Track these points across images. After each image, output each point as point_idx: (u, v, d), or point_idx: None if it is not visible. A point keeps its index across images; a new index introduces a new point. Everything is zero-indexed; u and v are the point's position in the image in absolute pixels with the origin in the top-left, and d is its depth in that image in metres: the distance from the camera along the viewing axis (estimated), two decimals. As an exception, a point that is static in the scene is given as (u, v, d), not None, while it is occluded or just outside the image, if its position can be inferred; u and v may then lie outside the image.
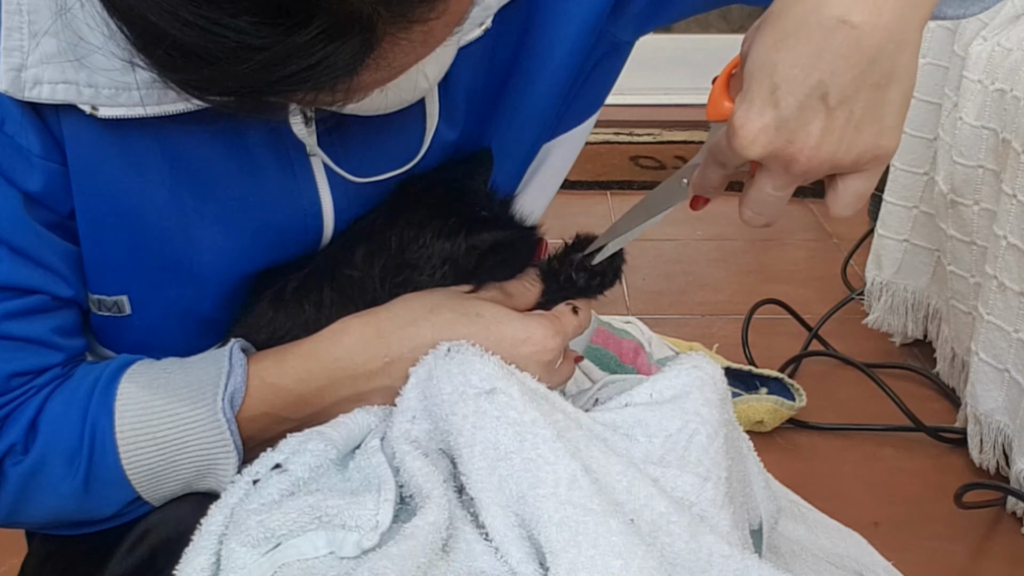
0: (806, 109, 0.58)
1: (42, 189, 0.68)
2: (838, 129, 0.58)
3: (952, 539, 1.44)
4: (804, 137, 0.58)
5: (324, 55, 0.51)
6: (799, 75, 0.57)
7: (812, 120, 0.58)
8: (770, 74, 0.58)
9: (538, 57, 0.79)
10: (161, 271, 0.73)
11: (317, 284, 0.75)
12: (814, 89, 0.57)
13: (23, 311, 0.70)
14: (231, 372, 0.72)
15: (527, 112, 0.82)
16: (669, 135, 2.83)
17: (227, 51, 0.50)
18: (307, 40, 0.50)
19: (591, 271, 0.78)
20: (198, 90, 0.54)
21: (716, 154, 0.65)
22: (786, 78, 0.58)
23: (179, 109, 0.66)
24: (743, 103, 0.59)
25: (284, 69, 0.51)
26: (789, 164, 0.60)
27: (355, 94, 0.56)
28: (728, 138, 0.61)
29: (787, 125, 0.58)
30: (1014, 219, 1.43)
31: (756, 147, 0.59)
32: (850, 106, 0.58)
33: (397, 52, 0.54)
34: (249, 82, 0.52)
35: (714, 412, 0.72)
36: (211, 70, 0.51)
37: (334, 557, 0.62)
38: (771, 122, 0.58)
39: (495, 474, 0.64)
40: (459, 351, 0.70)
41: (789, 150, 0.59)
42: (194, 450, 0.71)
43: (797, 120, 0.58)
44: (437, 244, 0.75)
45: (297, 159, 0.73)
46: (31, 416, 0.71)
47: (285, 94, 0.54)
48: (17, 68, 0.64)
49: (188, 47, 0.50)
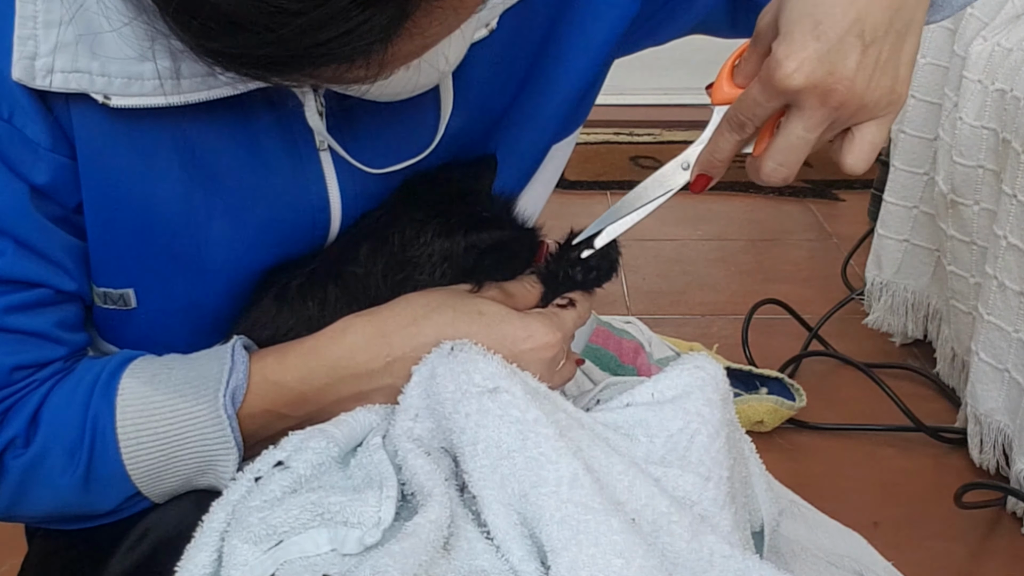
0: (845, 43, 0.63)
1: (49, 182, 0.68)
2: (870, 66, 0.64)
3: (952, 539, 1.44)
4: (843, 69, 0.63)
5: (360, 20, 0.51)
6: (839, 12, 0.63)
7: (849, 54, 0.63)
8: (812, 12, 0.63)
9: (559, 63, 0.81)
10: (168, 264, 0.73)
11: (321, 281, 0.76)
12: (853, 25, 0.63)
13: (26, 304, 0.70)
14: (233, 369, 0.72)
15: (543, 115, 0.83)
16: (669, 135, 2.84)
17: (265, 16, 0.50)
18: (344, 6, 0.50)
19: (587, 266, 0.78)
20: (232, 61, 0.54)
21: (740, 110, 0.69)
22: (828, 14, 0.63)
23: (191, 99, 0.66)
24: (784, 42, 0.64)
25: (320, 35, 0.51)
26: (827, 96, 0.64)
27: (387, 67, 0.56)
28: (770, 73, 0.64)
29: (828, 56, 0.63)
30: (1014, 219, 1.43)
31: (799, 76, 0.63)
32: (879, 46, 0.64)
33: (431, 21, 0.55)
34: (285, 50, 0.52)
35: (716, 412, 0.72)
36: (247, 37, 0.51)
37: (336, 554, 0.62)
38: (813, 54, 0.63)
39: (497, 472, 0.64)
40: (462, 350, 0.70)
41: (829, 80, 0.63)
42: (195, 446, 0.71)
43: (837, 52, 0.63)
44: (437, 242, 0.75)
45: (306, 153, 0.73)
46: (32, 410, 0.71)
47: (320, 64, 0.54)
48: (30, 56, 0.64)
49: (226, 14, 0.50)
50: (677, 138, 2.80)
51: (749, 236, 2.34)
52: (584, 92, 0.84)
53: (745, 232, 2.35)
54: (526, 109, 0.82)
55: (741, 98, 0.68)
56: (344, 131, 0.73)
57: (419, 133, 0.76)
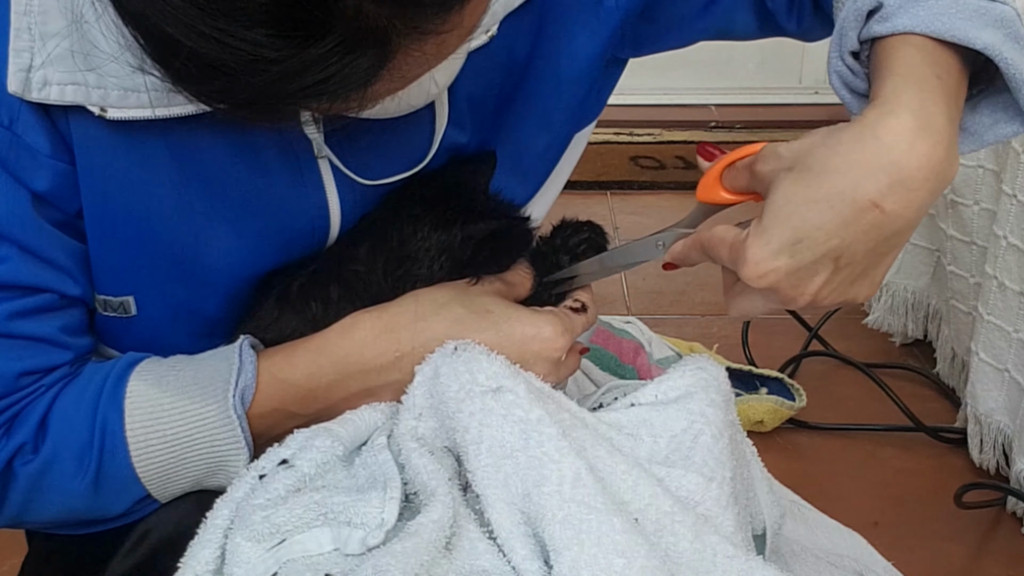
0: (817, 264, 0.62)
1: (51, 188, 0.68)
2: (837, 283, 0.64)
3: (952, 539, 1.44)
4: (807, 286, 0.63)
5: (339, 68, 0.51)
6: (821, 237, 0.61)
7: (819, 273, 0.63)
8: (796, 227, 0.62)
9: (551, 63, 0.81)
10: (168, 272, 0.73)
11: (323, 281, 0.76)
12: (831, 251, 0.62)
13: (31, 310, 0.70)
14: (242, 368, 0.72)
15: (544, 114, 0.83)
16: (669, 135, 2.83)
17: (243, 63, 0.50)
18: (322, 53, 0.50)
19: (574, 253, 0.80)
20: (212, 100, 0.54)
21: (710, 251, 0.69)
22: (810, 236, 0.61)
23: (188, 111, 0.66)
24: (760, 239, 0.63)
25: (299, 81, 0.51)
26: (785, 300, 0.65)
27: (368, 103, 0.56)
28: (738, 262, 0.64)
29: (797, 274, 0.63)
30: (1014, 219, 1.43)
31: (763, 282, 0.63)
32: (853, 268, 0.63)
33: (411, 63, 0.54)
34: (264, 93, 0.52)
35: (718, 413, 0.72)
36: (226, 81, 0.51)
37: (338, 554, 0.62)
38: (784, 267, 0.63)
39: (500, 471, 0.64)
40: (466, 349, 0.70)
41: (791, 293, 0.64)
42: (205, 447, 0.71)
43: (807, 272, 0.63)
44: (434, 236, 0.75)
45: (305, 161, 0.73)
46: (40, 415, 0.71)
47: (300, 104, 0.55)
48: (26, 69, 0.64)
49: (204, 59, 0.50)
50: (677, 138, 2.80)
51: (749, 236, 2.34)
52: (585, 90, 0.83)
53: (745, 232, 2.35)
54: (525, 107, 0.82)
55: (713, 241, 0.68)
56: (341, 142, 0.73)
57: (415, 145, 0.76)
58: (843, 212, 0.60)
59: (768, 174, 0.65)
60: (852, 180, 0.60)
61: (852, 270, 0.63)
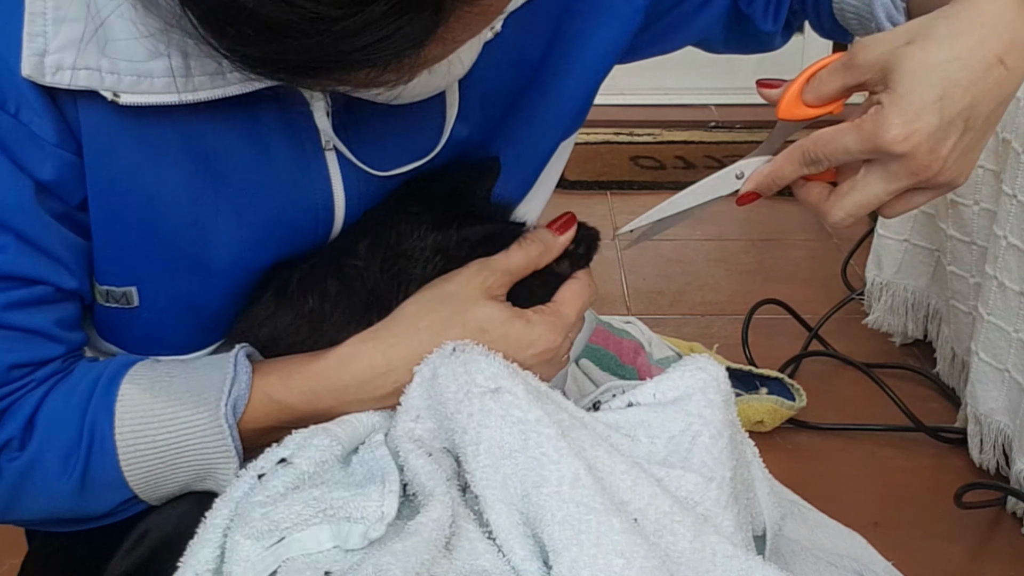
0: (954, 124, 0.65)
1: (54, 178, 0.68)
2: (960, 150, 0.66)
3: (952, 539, 1.44)
4: (942, 148, 0.65)
5: (397, 27, 0.51)
6: (958, 93, 0.65)
7: (952, 135, 0.65)
8: (936, 85, 0.65)
9: (568, 62, 0.81)
10: (172, 262, 0.73)
11: (321, 275, 0.76)
12: (965, 109, 0.65)
13: (26, 301, 0.69)
14: (235, 379, 0.72)
15: (551, 115, 0.83)
16: (669, 135, 2.84)
17: (303, 22, 0.50)
18: (382, 12, 0.51)
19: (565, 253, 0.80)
20: (264, 67, 0.54)
21: (822, 150, 0.69)
22: (949, 93, 0.65)
23: (200, 98, 0.66)
24: (899, 104, 0.65)
25: (357, 40, 0.52)
26: (921, 169, 0.66)
27: (418, 70, 0.57)
28: (878, 132, 0.65)
29: (936, 135, 0.65)
30: (1014, 219, 1.43)
31: (907, 145, 0.65)
32: (973, 134, 0.66)
33: (462, 25, 0.55)
34: (321, 55, 0.52)
35: (717, 414, 0.72)
36: (284, 43, 0.52)
37: (338, 551, 0.62)
38: (927, 127, 0.65)
39: (499, 472, 0.64)
40: (464, 350, 0.70)
41: (928, 157, 0.66)
42: (194, 454, 0.71)
43: (944, 132, 0.65)
44: (431, 236, 0.76)
45: (312, 152, 0.73)
46: (29, 412, 0.71)
47: (354, 69, 0.55)
48: (40, 53, 0.63)
49: (264, 20, 0.51)
50: (677, 138, 2.80)
51: (749, 236, 2.34)
52: (589, 94, 0.84)
53: (745, 232, 2.35)
54: (533, 108, 0.83)
55: (825, 138, 0.69)
56: (350, 132, 0.73)
57: (424, 136, 0.76)
58: (975, 68, 0.65)
59: (879, 57, 0.67)
60: (979, 38, 0.65)
61: (973, 136, 0.66)
